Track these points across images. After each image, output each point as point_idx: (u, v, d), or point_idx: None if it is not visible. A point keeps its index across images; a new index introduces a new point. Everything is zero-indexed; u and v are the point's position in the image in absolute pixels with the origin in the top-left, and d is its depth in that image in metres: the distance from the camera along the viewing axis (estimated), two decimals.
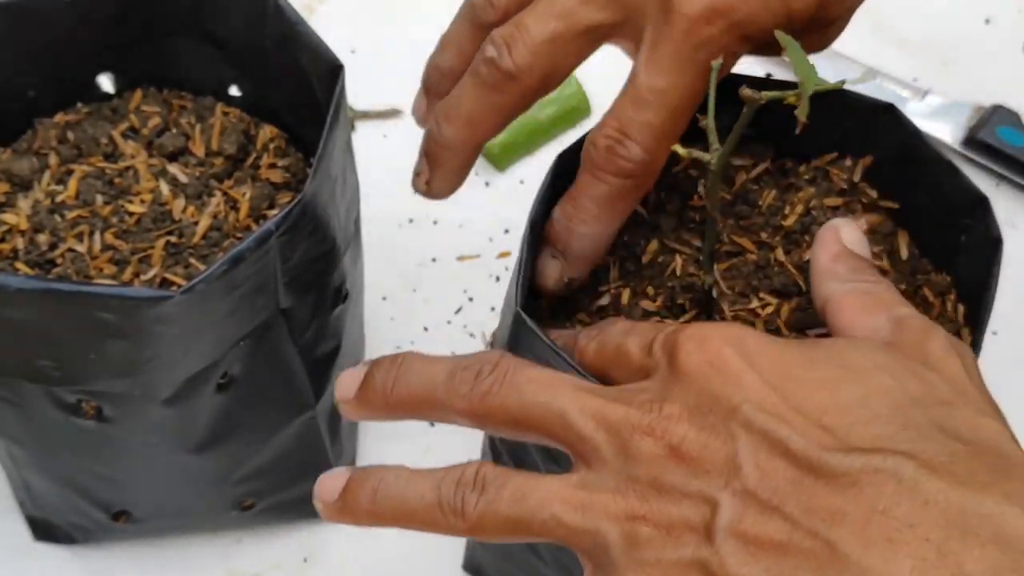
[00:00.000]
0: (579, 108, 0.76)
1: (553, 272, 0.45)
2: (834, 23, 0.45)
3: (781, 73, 0.78)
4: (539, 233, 0.45)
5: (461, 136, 0.46)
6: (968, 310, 0.46)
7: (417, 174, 0.48)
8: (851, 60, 0.76)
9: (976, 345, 0.44)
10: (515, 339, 0.43)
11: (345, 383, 0.40)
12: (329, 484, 0.39)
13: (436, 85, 0.49)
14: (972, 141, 0.75)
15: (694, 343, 0.35)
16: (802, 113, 0.36)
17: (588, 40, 0.44)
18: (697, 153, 0.40)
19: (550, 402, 0.36)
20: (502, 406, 0.37)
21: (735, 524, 0.33)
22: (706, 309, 0.45)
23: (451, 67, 0.48)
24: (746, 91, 0.38)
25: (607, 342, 0.39)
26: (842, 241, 0.41)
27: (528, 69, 0.43)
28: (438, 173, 0.47)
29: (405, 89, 0.78)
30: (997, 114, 0.75)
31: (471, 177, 0.75)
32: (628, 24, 0.44)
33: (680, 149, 0.40)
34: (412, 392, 0.39)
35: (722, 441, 0.34)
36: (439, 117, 0.46)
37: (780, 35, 0.38)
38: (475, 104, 0.45)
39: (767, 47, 0.44)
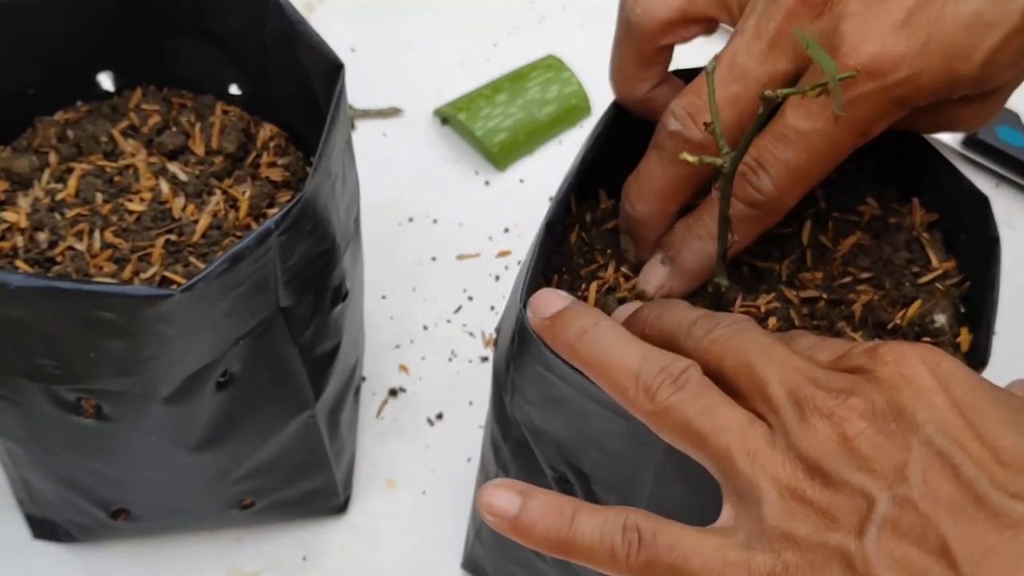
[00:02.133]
0: (579, 107, 0.76)
1: (657, 277, 0.46)
2: (998, 92, 0.44)
3: None
4: (554, 234, 0.45)
5: (654, 210, 0.46)
6: (967, 310, 0.46)
7: (625, 250, 0.48)
8: None
9: (978, 345, 0.44)
10: (515, 337, 0.43)
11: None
12: (548, 300, 0.41)
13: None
14: (972, 141, 0.75)
15: (893, 356, 0.37)
16: (838, 106, 0.36)
17: None
18: (709, 159, 0.40)
19: (758, 367, 0.38)
20: (721, 355, 0.39)
21: (888, 526, 0.34)
22: (716, 307, 0.45)
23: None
24: (767, 92, 0.38)
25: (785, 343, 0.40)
26: None
27: (712, 134, 0.43)
28: (640, 246, 0.47)
29: (405, 88, 0.78)
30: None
31: (471, 176, 0.75)
32: (804, 71, 0.43)
33: (689, 157, 0.40)
34: (664, 327, 0.41)
35: (896, 448, 0.35)
36: (631, 197, 0.46)
37: (797, 30, 0.38)
38: (664, 177, 0.45)
39: (928, 111, 0.43)
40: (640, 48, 0.47)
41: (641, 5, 0.46)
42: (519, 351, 0.43)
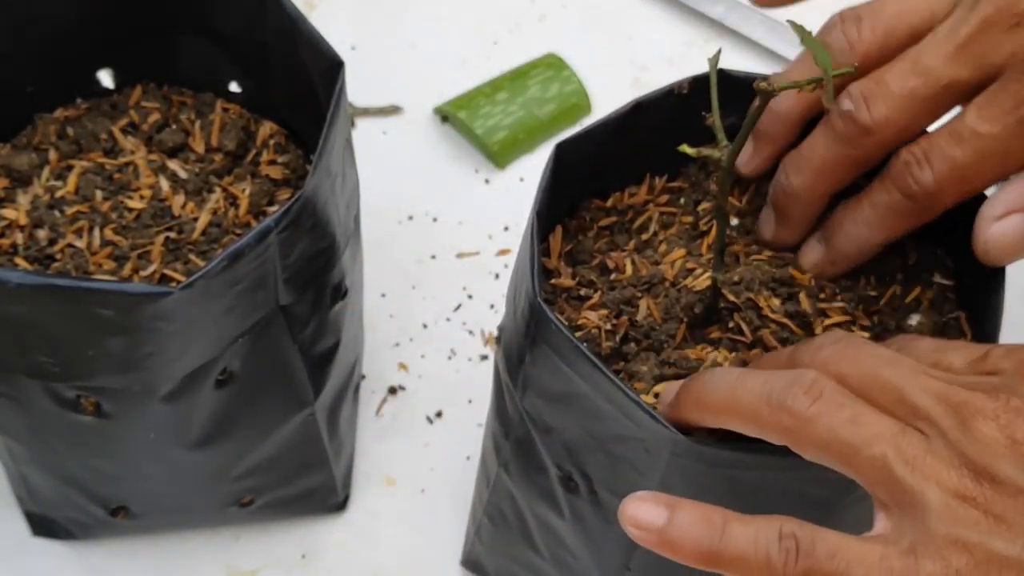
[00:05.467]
0: (579, 106, 0.76)
1: (812, 256, 0.47)
2: None
3: None
4: (544, 224, 0.45)
5: (808, 186, 0.46)
6: (969, 313, 0.46)
7: (760, 226, 0.48)
8: None
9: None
10: (531, 330, 0.43)
11: None
12: (673, 389, 0.40)
13: (769, 128, 0.48)
14: None
15: None
16: (828, 98, 0.36)
17: (947, 97, 0.43)
18: (706, 151, 0.40)
19: (890, 377, 0.36)
20: (840, 373, 0.37)
21: None
22: (714, 305, 0.45)
23: (787, 112, 0.47)
24: (760, 83, 0.38)
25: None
26: None
27: (884, 124, 0.43)
28: (785, 222, 0.47)
29: (405, 86, 0.78)
30: None
31: (471, 174, 0.75)
32: (988, 83, 0.43)
33: (688, 149, 0.40)
34: (775, 361, 0.40)
35: None
36: (788, 169, 0.46)
37: (793, 24, 0.38)
38: (827, 155, 0.45)
39: None
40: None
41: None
42: (535, 343, 0.43)
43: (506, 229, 0.72)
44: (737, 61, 0.78)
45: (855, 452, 0.35)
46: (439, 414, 0.66)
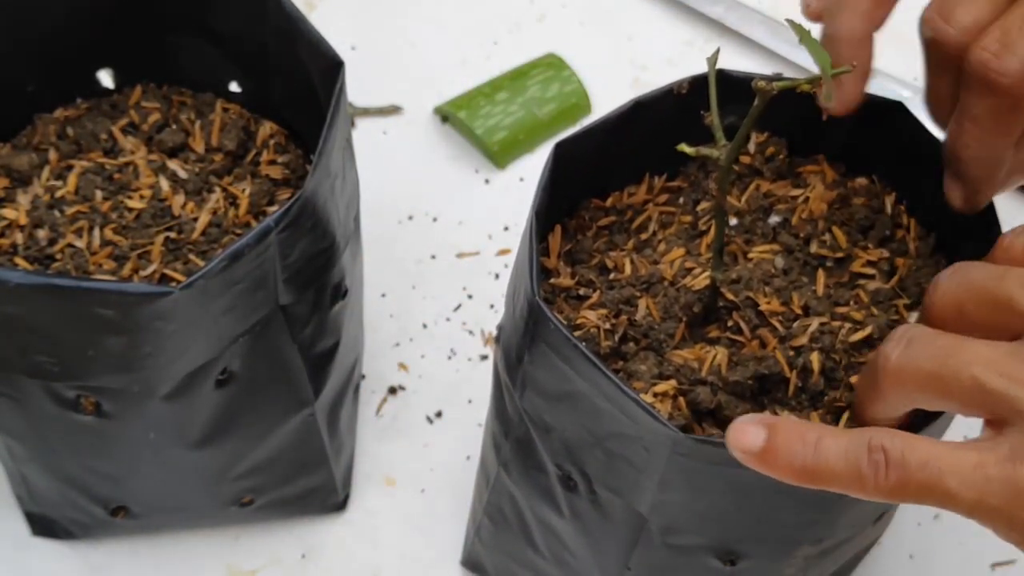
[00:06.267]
0: (579, 105, 0.76)
1: (956, 197, 0.45)
2: None
3: (791, 74, 0.78)
4: (543, 223, 0.45)
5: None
6: None
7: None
8: None
9: None
10: (530, 329, 0.43)
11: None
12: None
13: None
14: None
15: None
16: (827, 98, 0.36)
17: None
18: (706, 150, 0.40)
19: (998, 291, 0.36)
20: (959, 303, 0.38)
21: None
22: (713, 304, 0.45)
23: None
24: (759, 82, 0.38)
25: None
26: None
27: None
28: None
29: (405, 86, 0.78)
30: None
31: (471, 174, 0.75)
32: None
33: (687, 148, 0.40)
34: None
35: None
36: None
37: (792, 23, 0.38)
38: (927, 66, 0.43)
39: None
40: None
41: None
42: (534, 342, 0.43)
43: (506, 229, 0.72)
44: (737, 61, 0.78)
45: (945, 383, 0.35)
46: (439, 414, 0.66)
